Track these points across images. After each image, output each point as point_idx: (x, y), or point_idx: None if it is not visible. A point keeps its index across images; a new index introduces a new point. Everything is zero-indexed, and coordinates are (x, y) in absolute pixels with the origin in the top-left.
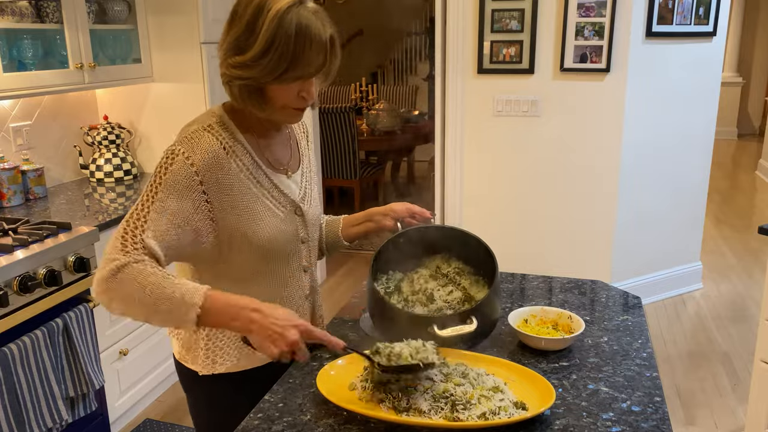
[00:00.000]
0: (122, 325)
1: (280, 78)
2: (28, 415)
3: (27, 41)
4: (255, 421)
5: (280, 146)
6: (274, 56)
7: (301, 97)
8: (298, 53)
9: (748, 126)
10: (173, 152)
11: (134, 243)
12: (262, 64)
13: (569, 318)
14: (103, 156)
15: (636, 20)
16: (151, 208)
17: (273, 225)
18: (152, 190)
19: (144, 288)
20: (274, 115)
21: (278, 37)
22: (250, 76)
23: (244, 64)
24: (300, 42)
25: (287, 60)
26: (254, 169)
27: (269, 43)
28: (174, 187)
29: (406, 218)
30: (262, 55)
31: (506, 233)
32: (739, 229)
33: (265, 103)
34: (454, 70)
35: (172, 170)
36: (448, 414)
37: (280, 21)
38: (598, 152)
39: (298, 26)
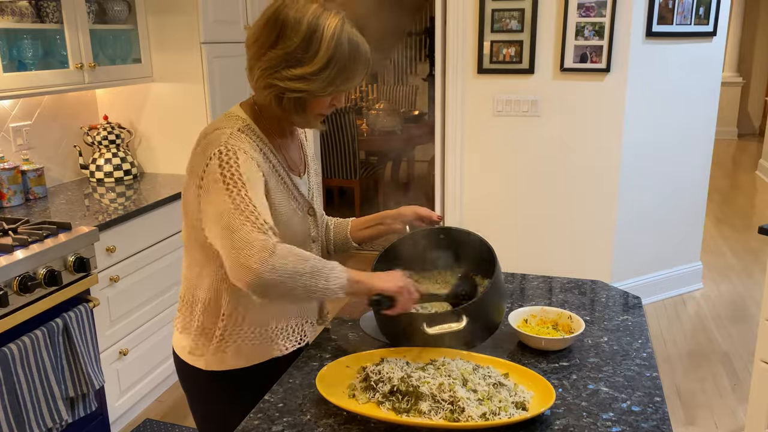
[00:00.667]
0: (122, 325)
1: (334, 90)
2: (28, 415)
3: (27, 41)
4: (255, 421)
5: (293, 148)
6: (333, 71)
7: (332, 105)
8: (352, 68)
9: (748, 126)
10: (226, 149)
11: (264, 227)
12: (321, 78)
13: (569, 318)
14: (103, 156)
15: (636, 20)
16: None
17: (296, 224)
18: (234, 184)
19: (306, 261)
20: (304, 121)
21: (337, 53)
22: (308, 88)
23: (302, 77)
24: (353, 58)
25: (344, 74)
26: (281, 170)
27: (329, 59)
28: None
29: (414, 221)
30: (322, 70)
31: (506, 233)
32: (739, 229)
33: (305, 111)
34: (454, 70)
35: (240, 162)
36: (448, 414)
37: (339, 39)
38: (598, 152)
39: (350, 44)
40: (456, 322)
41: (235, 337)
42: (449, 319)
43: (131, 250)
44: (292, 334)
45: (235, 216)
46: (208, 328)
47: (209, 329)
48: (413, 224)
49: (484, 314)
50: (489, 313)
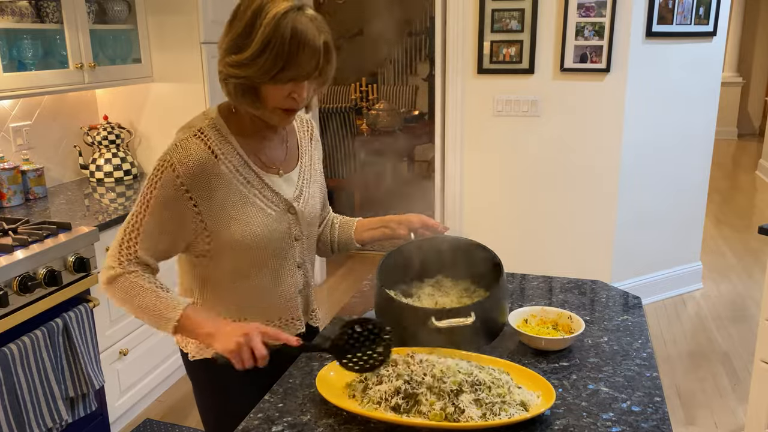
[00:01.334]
0: (122, 325)
1: (273, 78)
2: (28, 415)
3: (27, 41)
4: (255, 421)
5: (273, 146)
6: (270, 57)
7: (292, 98)
8: (292, 55)
9: (748, 126)
10: (162, 164)
11: (128, 255)
12: (257, 64)
13: (569, 318)
14: (103, 156)
15: (636, 20)
16: (144, 221)
17: (264, 223)
18: (144, 204)
19: (133, 299)
20: (266, 115)
21: (274, 39)
22: (245, 74)
23: (240, 62)
24: (294, 45)
25: (281, 61)
26: (244, 170)
27: (265, 44)
28: (163, 199)
29: (419, 229)
30: (258, 55)
31: (506, 233)
32: (739, 229)
33: (259, 102)
34: (454, 70)
35: (161, 184)
36: (448, 414)
37: (277, 24)
38: (598, 152)
39: (293, 30)
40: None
41: None
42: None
43: None
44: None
45: (121, 232)
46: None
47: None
48: (418, 232)
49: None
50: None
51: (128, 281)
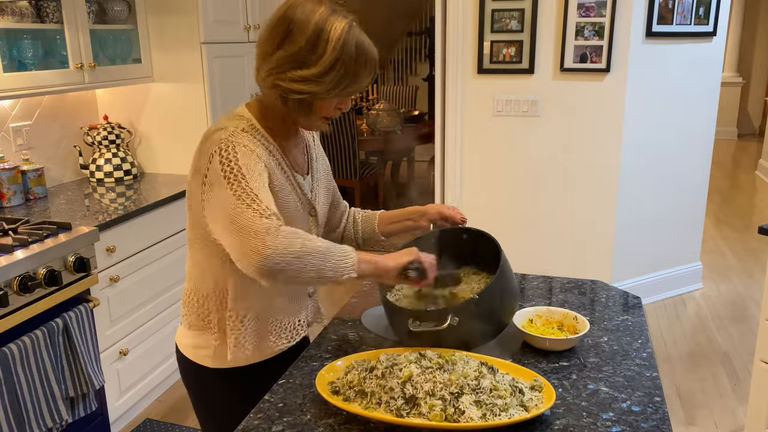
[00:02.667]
0: (122, 325)
1: (338, 93)
2: (28, 415)
3: (27, 41)
4: (255, 421)
5: (297, 148)
6: (338, 74)
7: (338, 109)
8: (358, 72)
9: (748, 126)
10: (227, 147)
11: (267, 214)
12: (325, 81)
13: (575, 319)
14: (103, 156)
15: (636, 20)
16: (251, 186)
17: (296, 222)
18: (237, 176)
19: (313, 240)
20: (309, 123)
21: (342, 56)
22: (312, 90)
23: (307, 79)
24: (360, 61)
25: (349, 78)
26: (286, 168)
27: (335, 62)
28: (252, 167)
29: (437, 220)
30: (326, 73)
31: (506, 233)
32: (739, 229)
33: (310, 113)
34: (454, 70)
35: (241, 156)
36: (448, 415)
37: (345, 42)
38: (598, 152)
39: (357, 47)
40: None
41: (236, 332)
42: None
43: (131, 250)
44: (284, 331)
45: (237, 206)
46: (212, 323)
47: (213, 324)
48: (437, 223)
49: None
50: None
51: (290, 229)
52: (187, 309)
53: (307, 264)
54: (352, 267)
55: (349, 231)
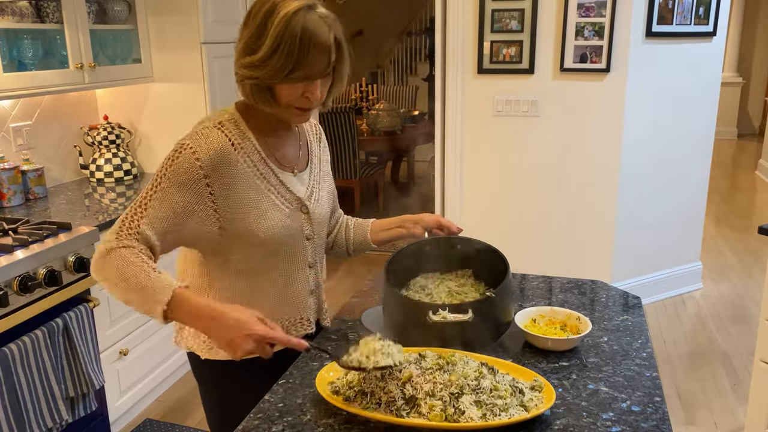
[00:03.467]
0: (122, 325)
1: (286, 78)
2: (28, 415)
3: (27, 41)
4: (255, 421)
5: (289, 145)
6: (281, 57)
7: (305, 98)
8: (303, 55)
9: (748, 126)
10: (181, 146)
11: (129, 229)
12: (269, 65)
13: (578, 319)
14: (103, 156)
15: (636, 20)
16: (153, 197)
17: (277, 220)
18: (157, 181)
19: (122, 275)
20: (281, 113)
21: (284, 39)
22: (259, 75)
23: (253, 64)
24: (304, 44)
25: (292, 61)
26: (261, 166)
27: (276, 45)
28: (178, 178)
29: (434, 229)
30: (269, 56)
31: (506, 233)
32: (739, 229)
33: (273, 101)
34: (454, 70)
35: (178, 163)
36: (448, 415)
37: (288, 24)
38: (598, 152)
39: (303, 29)
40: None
41: None
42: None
43: None
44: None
45: (126, 210)
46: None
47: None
48: (433, 232)
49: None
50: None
51: (121, 255)
52: None
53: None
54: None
55: (341, 237)
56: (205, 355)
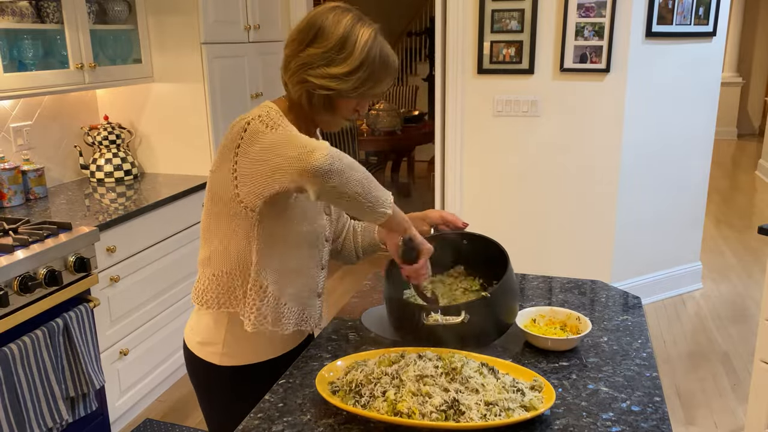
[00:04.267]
0: (122, 325)
1: (362, 93)
2: (29, 415)
3: (27, 41)
4: (255, 421)
5: None
6: (363, 75)
7: (356, 110)
8: (380, 76)
9: (748, 126)
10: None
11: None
12: (351, 80)
13: (577, 319)
14: (104, 156)
15: (636, 20)
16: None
17: (312, 218)
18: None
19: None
20: (329, 121)
21: (368, 59)
22: (338, 87)
23: (335, 76)
24: (383, 66)
25: (372, 80)
26: None
27: (361, 63)
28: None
29: (439, 225)
30: (353, 72)
31: (506, 233)
32: (739, 229)
33: (332, 111)
34: (454, 70)
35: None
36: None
37: (371, 46)
38: (598, 152)
39: (382, 53)
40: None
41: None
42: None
43: (131, 250)
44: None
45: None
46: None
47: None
48: (439, 227)
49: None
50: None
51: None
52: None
53: (356, 178)
54: (389, 203)
55: (349, 242)
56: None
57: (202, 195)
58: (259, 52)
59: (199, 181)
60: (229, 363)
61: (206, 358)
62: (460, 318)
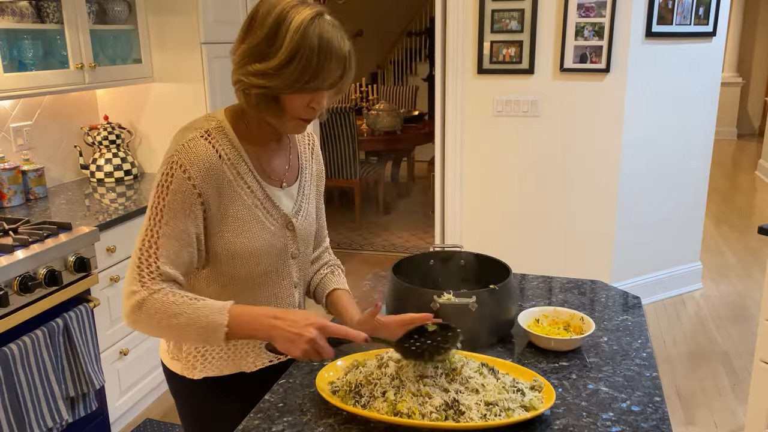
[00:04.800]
0: (122, 325)
1: (300, 88)
2: (29, 415)
3: (27, 41)
4: (255, 421)
5: (277, 157)
6: (297, 67)
7: (311, 108)
8: (320, 66)
9: (748, 126)
10: (171, 165)
11: (150, 273)
12: (284, 74)
13: (581, 320)
14: (104, 156)
15: (636, 20)
16: (160, 232)
17: (262, 237)
18: (157, 214)
19: (169, 318)
20: (283, 123)
21: (302, 48)
22: (271, 84)
23: (266, 72)
24: (322, 55)
25: (309, 72)
26: (249, 179)
27: (293, 54)
28: (177, 207)
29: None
30: (286, 65)
31: (506, 233)
32: (739, 229)
33: (279, 111)
34: (454, 70)
35: (173, 190)
36: (448, 415)
37: (304, 32)
38: (598, 152)
39: (320, 39)
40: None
41: (203, 350)
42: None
43: (131, 250)
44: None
45: (137, 252)
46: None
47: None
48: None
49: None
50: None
51: (158, 302)
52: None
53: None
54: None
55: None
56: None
57: None
58: None
59: None
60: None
61: (173, 368)
62: (471, 300)
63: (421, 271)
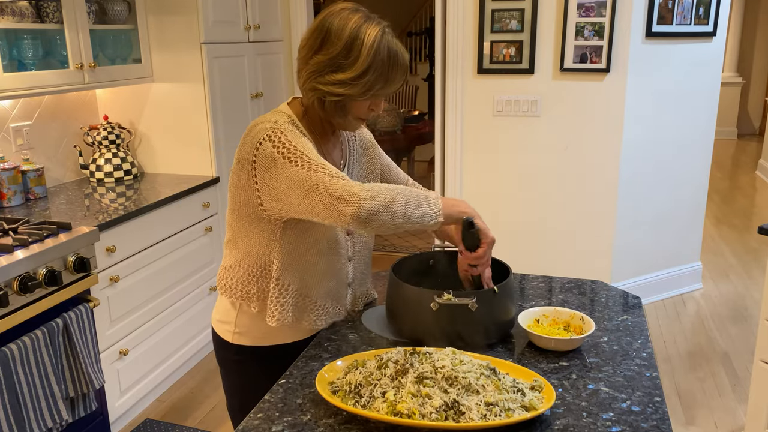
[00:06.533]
0: (122, 325)
1: (373, 95)
2: (28, 415)
3: (27, 41)
4: (255, 421)
5: (335, 148)
6: (372, 77)
7: (370, 110)
8: (391, 75)
9: (748, 126)
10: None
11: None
12: (360, 84)
13: (581, 320)
14: (103, 156)
15: (636, 20)
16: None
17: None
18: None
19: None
20: (345, 123)
21: (376, 60)
22: (347, 93)
23: (343, 82)
24: (392, 65)
25: (382, 80)
26: None
27: (369, 66)
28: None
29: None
30: (361, 76)
31: (506, 233)
32: (739, 229)
33: (345, 114)
34: (454, 70)
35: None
36: (448, 415)
37: (378, 47)
38: (598, 152)
39: (389, 51)
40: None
41: (281, 300)
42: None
43: (131, 250)
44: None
45: (311, 176)
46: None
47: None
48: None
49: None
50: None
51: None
52: (225, 282)
53: (395, 210)
54: (438, 213)
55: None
56: (231, 340)
57: (202, 195)
58: (259, 51)
59: (199, 181)
60: (239, 342)
61: (222, 335)
62: (472, 299)
63: (421, 271)
